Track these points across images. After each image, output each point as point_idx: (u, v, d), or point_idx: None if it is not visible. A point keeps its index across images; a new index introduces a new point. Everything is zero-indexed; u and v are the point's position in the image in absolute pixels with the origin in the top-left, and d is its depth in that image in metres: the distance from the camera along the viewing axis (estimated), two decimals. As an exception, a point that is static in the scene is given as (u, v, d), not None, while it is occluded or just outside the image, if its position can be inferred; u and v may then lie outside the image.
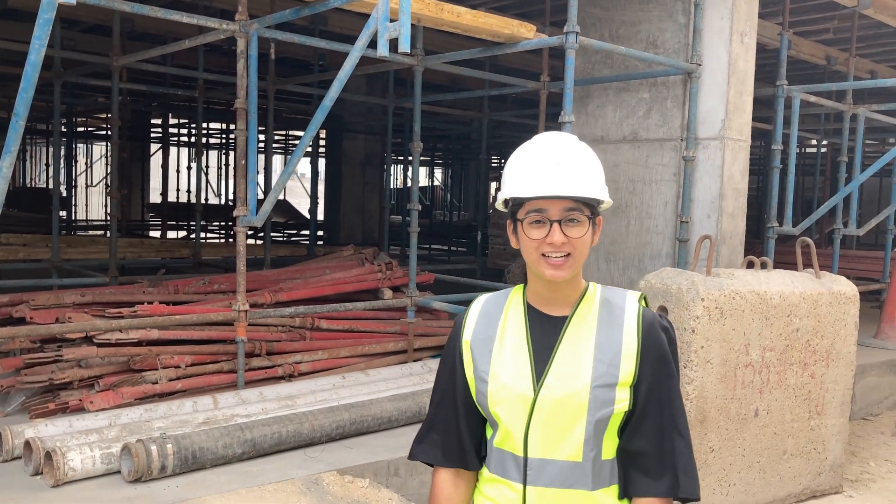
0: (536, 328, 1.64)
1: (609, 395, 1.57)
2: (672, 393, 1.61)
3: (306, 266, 6.49)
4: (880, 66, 10.03)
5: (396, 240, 11.55)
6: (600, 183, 1.60)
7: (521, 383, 1.60)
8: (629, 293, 1.68)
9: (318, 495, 3.58)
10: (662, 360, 1.61)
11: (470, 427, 1.70)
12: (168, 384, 4.54)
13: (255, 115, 4.43)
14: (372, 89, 11.34)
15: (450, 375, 1.72)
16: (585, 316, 1.63)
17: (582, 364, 1.58)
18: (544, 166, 1.55)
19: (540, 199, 1.54)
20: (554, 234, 1.53)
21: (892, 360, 7.03)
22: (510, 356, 1.62)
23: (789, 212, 6.43)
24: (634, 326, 1.61)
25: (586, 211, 1.55)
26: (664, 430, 1.60)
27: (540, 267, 1.56)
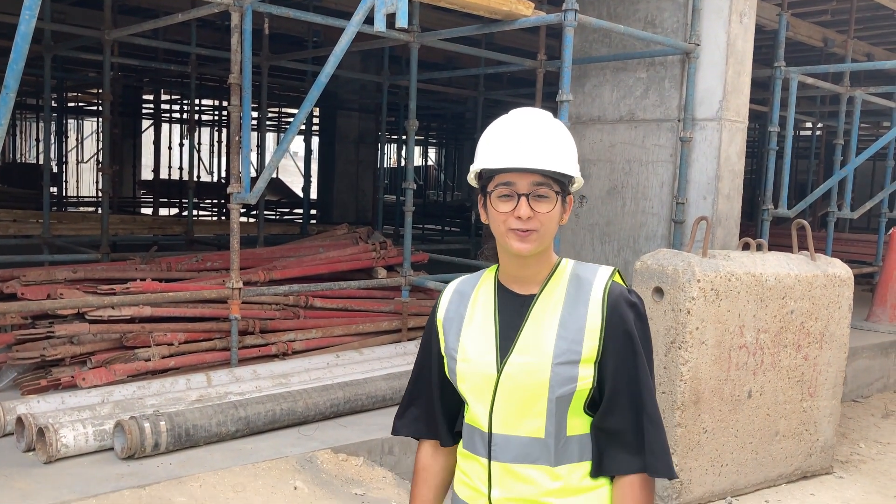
0: (505, 307, 1.65)
1: (571, 371, 1.56)
2: (638, 370, 1.59)
3: (300, 244, 6.45)
4: (877, 48, 10.00)
5: (390, 219, 11.51)
6: (571, 160, 1.59)
7: (486, 361, 1.61)
8: (602, 269, 1.66)
9: (313, 473, 3.58)
10: (627, 336, 1.59)
11: (444, 403, 1.73)
12: (161, 361, 4.52)
13: (249, 91, 4.38)
14: (366, 66, 11.25)
15: (426, 353, 1.75)
16: (553, 293, 1.62)
17: (545, 341, 1.58)
18: (515, 140, 1.55)
19: (508, 172, 1.54)
20: (521, 208, 1.53)
21: (883, 342, 7.07)
22: (477, 334, 1.64)
23: (785, 194, 6.43)
24: (599, 301, 1.59)
25: (555, 187, 1.55)
26: (634, 408, 1.59)
27: (507, 240, 1.56)
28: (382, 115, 8.72)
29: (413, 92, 5.52)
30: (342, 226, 7.08)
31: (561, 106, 4.55)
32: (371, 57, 11.32)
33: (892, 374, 7.18)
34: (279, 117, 18.70)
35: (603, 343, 1.58)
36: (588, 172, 5.94)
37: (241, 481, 3.39)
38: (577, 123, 5.96)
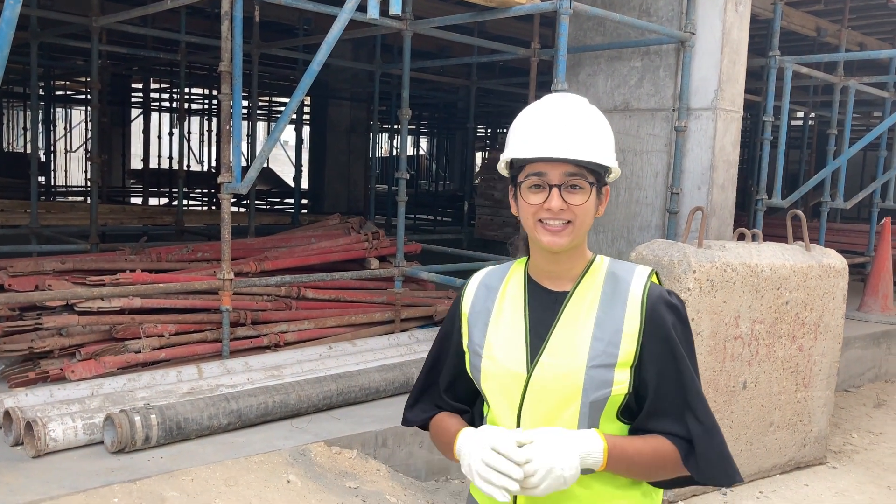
0: (535, 303, 1.56)
1: (606, 375, 1.48)
2: (682, 375, 1.49)
3: (292, 235, 6.40)
4: (869, 38, 9.97)
5: (382, 209, 11.46)
6: (607, 149, 1.50)
7: (515, 360, 1.53)
8: (639, 268, 1.57)
9: (305, 466, 3.54)
10: (667, 340, 1.50)
11: (456, 397, 1.68)
12: (151, 353, 4.47)
13: (239, 80, 4.31)
14: (358, 55, 11.16)
15: (445, 344, 1.68)
16: (588, 291, 1.54)
17: (579, 342, 1.49)
18: (547, 127, 1.47)
19: (539, 162, 1.46)
20: (552, 200, 1.45)
21: (875, 332, 7.08)
22: (506, 331, 1.56)
23: (779, 184, 6.41)
24: (638, 304, 1.50)
25: (589, 177, 1.46)
26: (680, 414, 1.50)
27: (537, 233, 1.48)
28: (374, 104, 8.66)
29: (406, 80, 5.46)
30: (334, 216, 7.03)
31: (556, 95, 4.50)
32: (363, 45, 11.23)
33: (884, 363, 7.20)
34: (270, 106, 18.59)
35: (641, 347, 1.49)
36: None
37: (234, 475, 3.36)
38: (571, 113, 5.90)
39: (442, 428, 1.65)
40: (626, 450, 1.47)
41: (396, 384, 4.29)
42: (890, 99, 8.01)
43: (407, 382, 4.32)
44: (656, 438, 1.50)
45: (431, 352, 1.72)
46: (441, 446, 1.65)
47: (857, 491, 4.62)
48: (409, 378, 4.33)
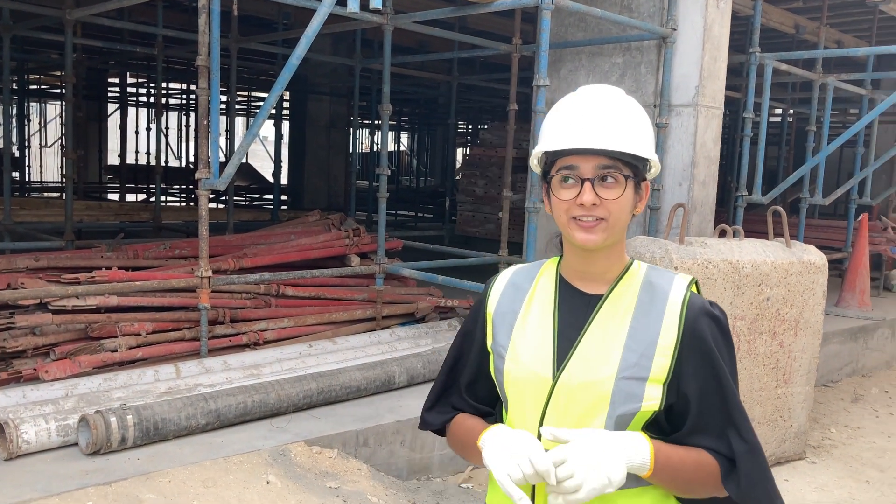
0: (566, 305, 1.47)
1: (637, 389, 1.39)
2: (724, 391, 1.41)
3: (271, 231, 6.33)
4: (846, 35, 10.05)
5: (363, 205, 11.39)
6: (644, 141, 1.41)
7: (541, 364, 1.44)
8: (678, 276, 1.48)
9: (285, 467, 3.50)
10: (708, 354, 1.40)
11: (477, 398, 1.59)
12: (128, 352, 4.40)
13: (217, 74, 4.24)
14: (337, 50, 11.08)
15: (467, 343, 1.60)
16: (623, 296, 1.45)
17: (610, 350, 1.40)
18: (579, 118, 1.39)
19: (571, 155, 1.38)
20: (584, 194, 1.36)
21: (853, 328, 7.15)
22: (533, 333, 1.47)
23: (759, 181, 6.43)
24: (677, 316, 1.41)
25: (625, 170, 1.38)
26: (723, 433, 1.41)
27: (570, 230, 1.40)
28: (355, 99, 8.59)
29: (387, 75, 5.41)
30: (314, 212, 6.96)
31: (538, 91, 4.48)
32: (342, 40, 11.15)
33: (861, 358, 7.27)
34: (249, 101, 18.42)
35: (677, 362, 1.40)
36: (563, 158, 5.88)
37: (212, 476, 3.30)
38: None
39: (464, 429, 1.57)
40: (672, 457, 1.38)
41: (378, 383, 4.25)
42: (867, 96, 8.07)
43: (388, 381, 4.28)
44: (699, 451, 1.42)
45: (451, 351, 1.64)
46: (462, 448, 1.57)
47: (837, 486, 4.66)
48: (391, 376, 4.29)
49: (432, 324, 5.66)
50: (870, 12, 8.56)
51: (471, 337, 1.60)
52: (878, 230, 8.69)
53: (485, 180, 9.21)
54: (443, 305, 5.98)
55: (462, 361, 1.61)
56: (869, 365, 7.39)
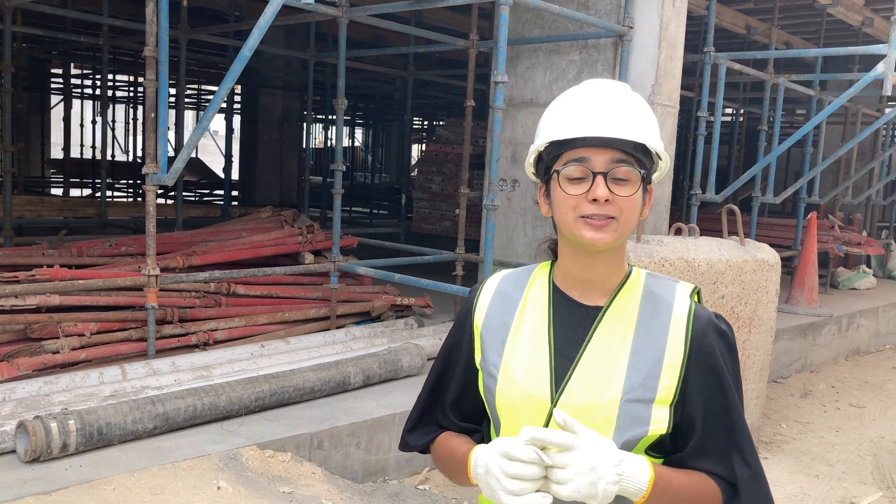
0: (561, 318, 1.35)
1: (643, 412, 1.28)
2: (731, 412, 1.32)
3: (221, 228, 6.17)
4: (794, 37, 10.26)
5: (316, 201, 11.23)
6: (658, 137, 1.31)
7: (538, 386, 1.32)
8: (679, 285, 1.38)
9: (237, 471, 3.39)
10: (715, 371, 1.31)
11: (463, 416, 1.47)
12: (71, 354, 4.22)
13: (166, 65, 4.09)
14: (291, 43, 10.89)
15: (452, 357, 1.48)
16: (624, 309, 1.33)
17: (613, 370, 1.29)
18: (590, 108, 1.28)
19: (581, 148, 1.26)
20: (597, 188, 1.24)
21: (802, 324, 7.28)
22: (526, 350, 1.35)
23: (712, 179, 6.50)
24: (682, 331, 1.31)
25: (638, 167, 1.27)
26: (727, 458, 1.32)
27: (577, 229, 1.27)
28: (308, 93, 8.44)
29: (342, 69, 5.30)
30: (266, 208, 6.81)
31: (496, 87, 4.43)
32: (296, 33, 10.97)
33: (810, 354, 7.41)
34: (199, 94, 18.04)
35: (684, 381, 1.30)
36: (521, 156, 5.85)
37: (160, 482, 3.18)
38: (510, 106, 5.86)
39: (448, 449, 1.44)
40: (672, 483, 1.27)
41: (332, 383, 4.15)
42: (815, 97, 8.23)
43: (343, 381, 4.19)
44: (700, 476, 1.32)
45: (435, 366, 1.51)
46: (448, 468, 1.44)
47: (788, 480, 4.72)
48: (346, 377, 4.20)
49: (388, 323, 5.57)
50: (818, 15, 8.74)
51: (456, 351, 1.47)
52: (826, 229, 8.88)
53: (441, 177, 9.15)
54: (399, 304, 5.90)
55: (446, 377, 1.49)
56: (817, 361, 7.54)
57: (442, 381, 1.50)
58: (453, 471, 1.40)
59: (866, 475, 4.93)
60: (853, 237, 9.23)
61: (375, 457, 4.00)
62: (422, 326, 5.58)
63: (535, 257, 5.83)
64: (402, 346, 4.64)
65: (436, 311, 6.21)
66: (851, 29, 9.36)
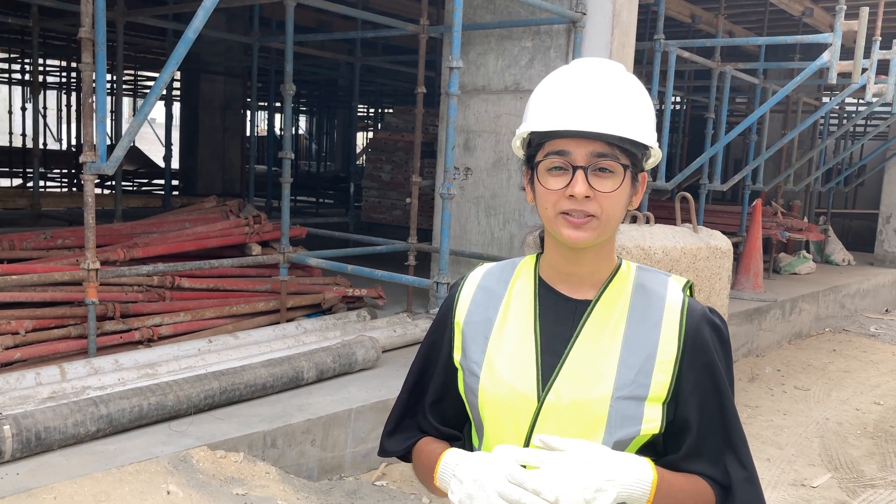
0: (549, 312, 1.29)
1: (636, 410, 1.22)
2: (726, 410, 1.27)
3: (164, 219, 5.93)
4: (737, 27, 10.42)
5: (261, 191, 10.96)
6: (646, 125, 1.23)
7: (524, 382, 1.25)
8: (671, 279, 1.32)
9: (187, 474, 3.24)
10: (709, 367, 1.25)
11: (443, 419, 1.40)
12: (4, 354, 3.99)
13: (103, 48, 3.87)
14: (232, 27, 10.57)
15: (431, 356, 1.41)
16: (614, 303, 1.27)
17: (604, 366, 1.23)
18: (573, 95, 1.20)
19: (562, 138, 1.19)
20: (576, 184, 1.17)
21: (748, 309, 7.41)
22: (511, 346, 1.29)
23: (662, 167, 6.53)
24: (676, 325, 1.25)
25: (623, 159, 1.20)
26: (721, 458, 1.26)
27: (556, 226, 1.21)
28: (252, 79, 8.20)
29: (289, 54, 5.13)
30: (210, 198, 6.59)
31: (451, 73, 4.33)
32: (237, 17, 10.66)
33: (756, 339, 7.55)
34: (136, 81, 17.45)
35: (677, 378, 1.24)
36: (473, 144, 5.77)
37: (105, 489, 3.01)
38: (462, 93, 5.76)
39: (424, 455, 1.36)
40: (673, 486, 1.21)
41: (285, 379, 4.01)
42: (759, 85, 8.36)
43: (296, 377, 4.06)
44: (696, 480, 1.26)
45: (414, 367, 1.44)
46: (424, 477, 1.36)
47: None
48: (299, 372, 4.07)
49: (340, 315, 5.44)
50: (761, 4, 8.87)
51: (436, 350, 1.40)
52: (769, 215, 9.06)
53: (391, 165, 9.01)
54: (351, 295, 5.77)
55: (426, 378, 1.41)
56: (763, 345, 7.69)
57: (421, 381, 1.42)
58: (427, 476, 1.32)
59: (815, 457, 5.04)
60: (795, 223, 9.44)
61: (331, 454, 3.89)
62: (375, 318, 5.47)
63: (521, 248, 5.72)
64: (357, 339, 4.53)
65: (388, 302, 6.10)
66: (792, 19, 9.54)
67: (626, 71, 1.26)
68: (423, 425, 1.41)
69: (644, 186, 1.29)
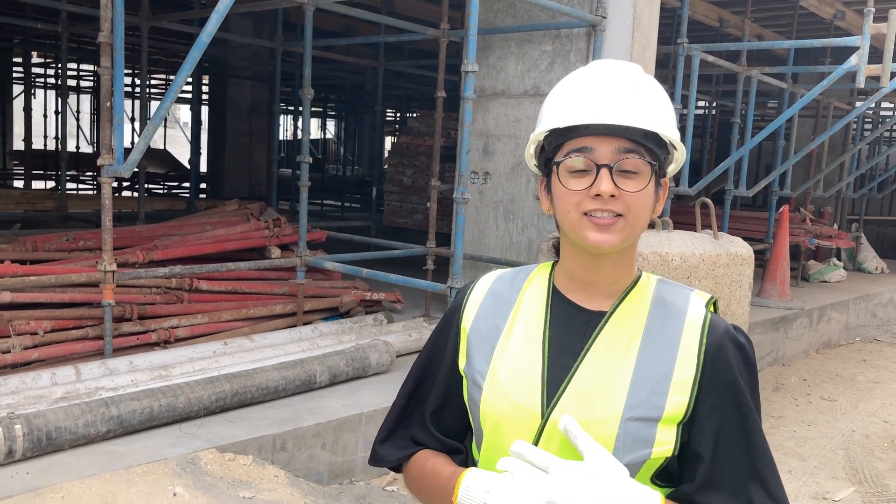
0: (559, 323, 1.21)
1: (647, 432, 1.13)
2: (751, 435, 1.15)
3: (185, 222, 5.98)
4: (767, 30, 10.26)
5: (286, 194, 11.03)
6: (672, 124, 1.17)
7: (527, 396, 1.17)
8: (694, 294, 1.24)
9: (195, 476, 3.24)
10: (732, 389, 1.15)
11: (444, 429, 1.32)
12: (22, 353, 4.04)
13: (121, 51, 3.92)
14: (259, 32, 10.67)
15: (434, 362, 1.33)
16: (630, 316, 1.19)
17: (614, 383, 1.15)
18: (596, 91, 1.13)
19: (584, 136, 1.12)
20: (602, 182, 1.10)
21: (774, 318, 7.27)
22: (517, 356, 1.21)
23: (686, 172, 6.44)
24: (696, 343, 1.16)
25: (649, 157, 1.13)
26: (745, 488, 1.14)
27: (580, 229, 1.13)
28: (276, 83, 8.24)
29: (308, 57, 5.15)
30: (232, 201, 6.64)
31: (466, 77, 4.31)
32: (265, 22, 10.75)
33: (781, 348, 7.41)
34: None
35: (696, 400, 1.14)
36: (493, 148, 5.74)
37: (112, 489, 3.03)
38: (482, 97, 5.75)
39: (427, 470, 1.28)
40: None
41: (297, 382, 4.01)
42: (787, 89, 8.21)
43: (308, 380, 4.05)
44: None
45: (414, 370, 1.37)
46: (424, 492, 1.28)
47: (761, 477, 4.67)
48: (311, 376, 4.07)
49: (357, 319, 5.44)
50: (790, 7, 8.72)
51: (440, 354, 1.32)
52: (798, 222, 8.89)
53: (413, 170, 9.01)
54: (369, 299, 5.77)
55: (427, 384, 1.33)
56: (789, 354, 7.54)
57: (421, 388, 1.35)
58: (431, 494, 1.25)
59: (838, 470, 4.91)
60: (824, 230, 9.25)
61: (342, 458, 3.88)
62: (391, 322, 5.45)
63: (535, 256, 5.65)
64: (371, 343, 4.52)
65: (406, 306, 6.09)
66: (823, 22, 9.37)
67: (645, 72, 1.21)
68: (420, 436, 1.33)
69: (666, 193, 1.23)
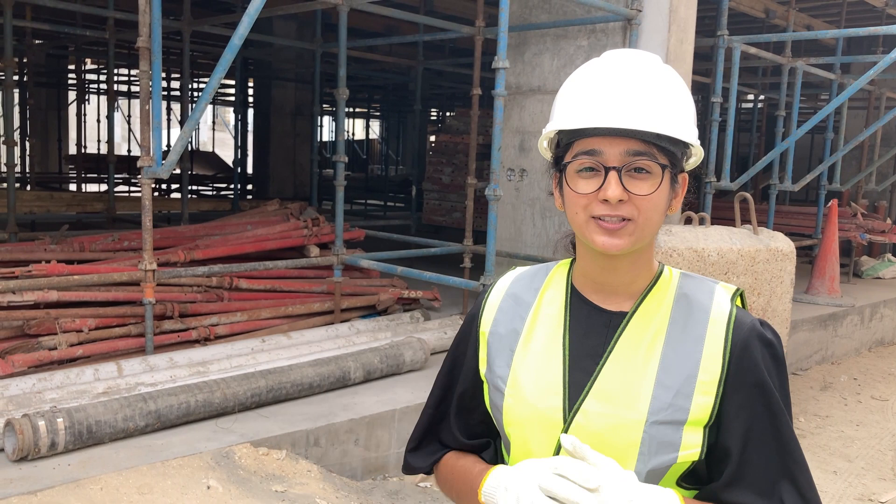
0: (579, 325, 1.18)
1: (673, 435, 1.10)
2: (782, 434, 1.12)
3: (226, 222, 6.10)
4: (816, 20, 10.00)
5: (329, 194, 11.15)
6: (688, 121, 1.12)
7: (549, 402, 1.15)
8: (718, 287, 1.19)
9: (229, 470, 3.31)
10: (760, 387, 1.11)
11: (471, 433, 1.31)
12: (68, 350, 4.17)
13: (159, 56, 4.01)
14: (302, 34, 10.80)
15: (456, 370, 1.32)
16: (652, 315, 1.16)
17: (638, 386, 1.12)
18: (604, 89, 1.09)
19: (592, 137, 1.09)
20: (609, 187, 1.07)
21: (822, 315, 7.08)
22: (538, 360, 1.19)
23: (727, 167, 6.32)
24: (721, 341, 1.12)
25: (661, 158, 1.09)
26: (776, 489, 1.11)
27: (588, 232, 1.11)
28: (316, 84, 8.34)
29: (343, 58, 5.19)
30: (273, 201, 6.73)
31: (497, 73, 4.30)
32: (308, 24, 10.87)
33: (830, 346, 7.21)
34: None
35: (721, 401, 1.11)
36: (529, 145, 5.72)
37: (148, 482, 3.10)
38: (517, 94, 5.73)
39: (458, 470, 1.27)
40: None
41: (332, 379, 4.06)
42: (836, 80, 7.99)
43: (343, 377, 4.10)
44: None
45: (439, 381, 1.35)
46: (455, 491, 1.27)
47: (805, 477, 4.56)
48: (345, 372, 4.11)
49: (394, 316, 5.47)
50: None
51: (461, 362, 1.31)
52: (848, 216, 8.64)
53: (451, 168, 9.02)
54: (406, 297, 5.80)
55: (451, 393, 1.32)
56: (838, 352, 7.34)
57: (447, 397, 1.34)
58: (462, 493, 1.24)
59: (886, 471, 4.77)
60: (877, 225, 8.97)
61: (375, 454, 3.91)
62: (428, 320, 5.47)
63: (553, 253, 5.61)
64: (405, 341, 4.54)
65: (444, 304, 6.10)
66: (875, 10, 9.09)
67: (664, 63, 1.16)
68: (448, 440, 1.33)
69: (685, 189, 1.18)
